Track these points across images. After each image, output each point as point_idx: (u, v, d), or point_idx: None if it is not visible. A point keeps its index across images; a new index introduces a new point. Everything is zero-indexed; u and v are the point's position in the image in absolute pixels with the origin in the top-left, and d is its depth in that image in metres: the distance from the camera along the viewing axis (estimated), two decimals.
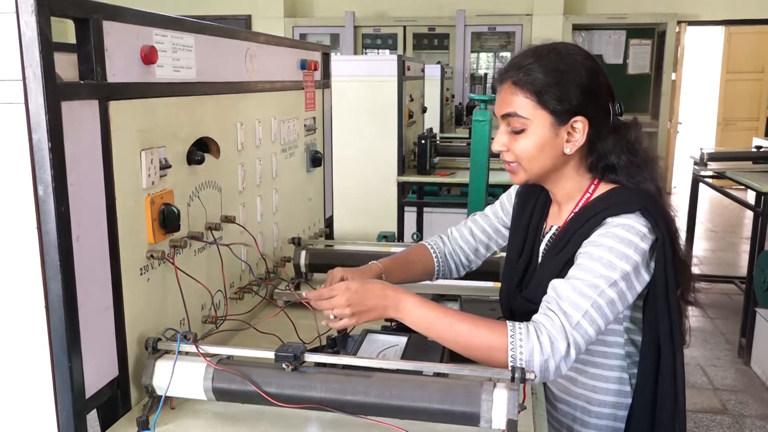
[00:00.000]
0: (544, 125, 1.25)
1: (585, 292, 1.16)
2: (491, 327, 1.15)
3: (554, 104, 1.24)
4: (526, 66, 1.25)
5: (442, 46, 9.04)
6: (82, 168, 0.99)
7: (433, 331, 1.19)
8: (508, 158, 1.31)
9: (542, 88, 1.24)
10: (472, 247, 1.58)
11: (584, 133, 1.26)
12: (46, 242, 0.94)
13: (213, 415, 1.16)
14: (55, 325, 0.96)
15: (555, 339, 1.12)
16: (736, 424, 3.20)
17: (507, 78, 1.28)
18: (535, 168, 1.30)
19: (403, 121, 4.07)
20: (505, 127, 1.30)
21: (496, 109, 1.32)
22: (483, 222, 1.58)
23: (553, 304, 1.17)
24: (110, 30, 1.04)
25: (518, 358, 1.11)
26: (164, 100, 1.23)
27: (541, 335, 1.12)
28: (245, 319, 1.54)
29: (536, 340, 1.12)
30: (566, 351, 1.12)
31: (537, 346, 1.11)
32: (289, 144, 1.89)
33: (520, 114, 1.25)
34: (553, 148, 1.27)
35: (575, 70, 1.25)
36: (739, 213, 7.45)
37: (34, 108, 0.90)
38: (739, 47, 9.24)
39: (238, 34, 1.54)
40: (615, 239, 1.20)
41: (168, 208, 1.21)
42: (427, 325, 1.19)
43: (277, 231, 1.84)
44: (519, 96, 1.25)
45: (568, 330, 1.13)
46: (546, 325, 1.14)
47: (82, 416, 1.02)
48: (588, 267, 1.19)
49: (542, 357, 1.11)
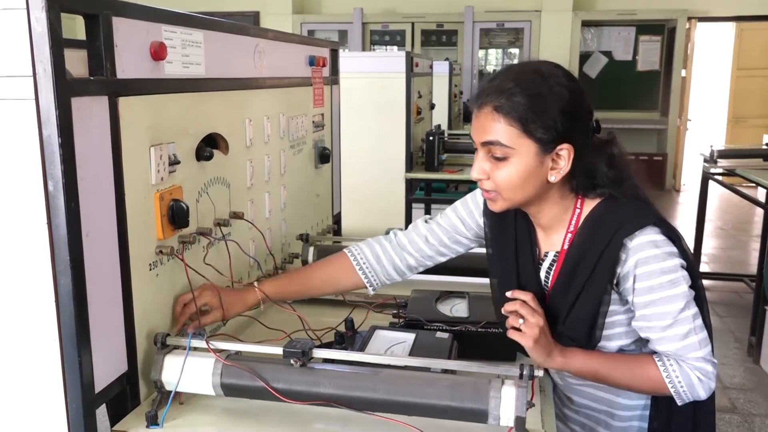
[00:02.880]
0: (529, 154, 1.17)
1: (678, 313, 1.20)
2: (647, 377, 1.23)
3: (540, 133, 1.16)
4: (508, 90, 1.17)
5: (451, 43, 9.03)
6: (91, 164, 1.00)
7: (597, 376, 1.26)
8: (488, 187, 1.23)
9: (527, 115, 1.15)
10: (427, 254, 1.49)
11: (569, 160, 1.19)
12: (56, 237, 0.94)
13: (221, 410, 1.16)
14: (65, 320, 0.97)
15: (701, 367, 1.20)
16: (746, 423, 3.19)
17: (487, 102, 1.18)
18: (516, 198, 1.22)
19: (411, 118, 4.06)
20: (485, 154, 1.21)
21: (474, 134, 1.22)
22: (441, 233, 1.48)
23: (664, 342, 1.21)
24: (120, 26, 1.04)
25: (680, 391, 1.21)
26: (173, 96, 1.23)
27: (688, 363, 1.21)
28: (253, 315, 1.54)
29: (688, 369, 1.21)
30: (712, 368, 1.22)
31: (694, 377, 1.20)
32: (298, 140, 1.89)
33: (503, 143, 1.17)
34: (537, 177, 1.19)
35: (559, 93, 1.17)
36: (750, 211, 7.40)
37: (45, 104, 0.91)
38: (750, 43, 9.17)
39: (246, 31, 1.54)
40: (660, 274, 1.19)
41: (177, 204, 1.22)
42: (590, 371, 1.25)
43: (285, 227, 1.84)
44: (501, 123, 1.16)
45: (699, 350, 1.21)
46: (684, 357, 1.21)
47: (91, 411, 1.02)
48: (664, 299, 1.20)
49: (702, 385, 1.21)
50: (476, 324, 1.40)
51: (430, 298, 1.56)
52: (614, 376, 1.24)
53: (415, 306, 1.50)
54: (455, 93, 6.51)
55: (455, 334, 1.36)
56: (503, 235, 1.36)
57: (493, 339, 1.38)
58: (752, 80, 9.21)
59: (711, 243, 6.35)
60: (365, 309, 1.62)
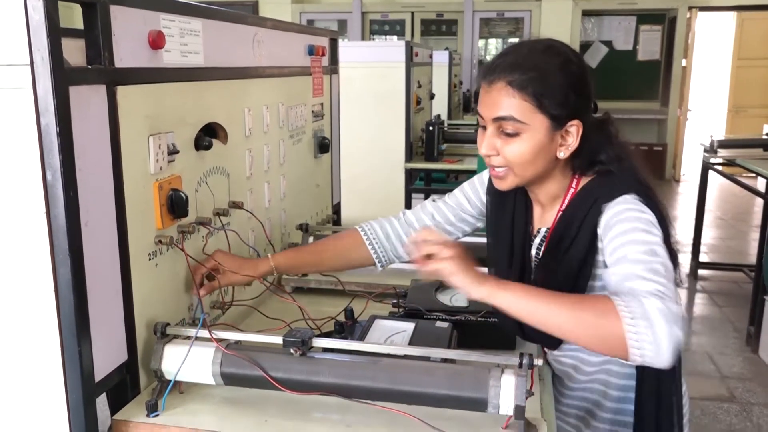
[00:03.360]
0: (541, 130, 1.18)
1: (648, 256, 1.07)
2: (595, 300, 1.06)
3: (554, 108, 1.17)
4: (522, 66, 1.17)
5: (450, 32, 9.00)
6: (90, 153, 0.99)
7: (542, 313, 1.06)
8: (497, 163, 1.23)
9: (541, 90, 1.16)
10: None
11: (578, 137, 1.21)
12: (55, 227, 0.94)
13: (221, 399, 1.17)
14: (65, 310, 0.97)
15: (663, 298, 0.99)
16: (744, 412, 3.20)
17: (499, 78, 1.18)
18: (527, 174, 1.23)
19: (410, 108, 4.06)
20: (495, 130, 1.21)
21: (484, 110, 1.22)
22: (447, 211, 1.51)
23: (632, 278, 1.05)
24: (117, 15, 1.04)
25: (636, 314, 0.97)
26: (172, 86, 1.23)
27: (646, 296, 1.00)
28: (253, 304, 1.54)
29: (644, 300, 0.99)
30: (677, 310, 0.99)
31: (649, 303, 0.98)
32: (297, 130, 1.89)
33: (517, 118, 1.17)
34: (547, 153, 1.21)
35: (570, 71, 1.19)
36: (749, 201, 7.41)
37: (42, 93, 0.90)
38: (751, 33, 9.14)
39: (245, 19, 1.53)
40: (633, 220, 1.14)
41: (176, 193, 1.22)
42: (530, 308, 1.07)
43: (285, 217, 1.84)
44: (515, 98, 1.17)
45: (665, 290, 1.02)
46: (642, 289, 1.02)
47: (91, 400, 1.02)
48: (633, 240, 1.10)
49: (661, 315, 0.97)
50: (476, 313, 1.40)
51: (430, 287, 1.56)
52: (556, 310, 1.05)
53: (415, 295, 1.51)
54: (455, 83, 6.49)
55: (455, 323, 1.36)
56: (502, 212, 1.38)
57: (492, 328, 1.39)
58: (753, 70, 9.19)
59: (710, 233, 6.35)
60: (365, 299, 1.62)
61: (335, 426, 1.09)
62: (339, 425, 1.09)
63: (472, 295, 1.10)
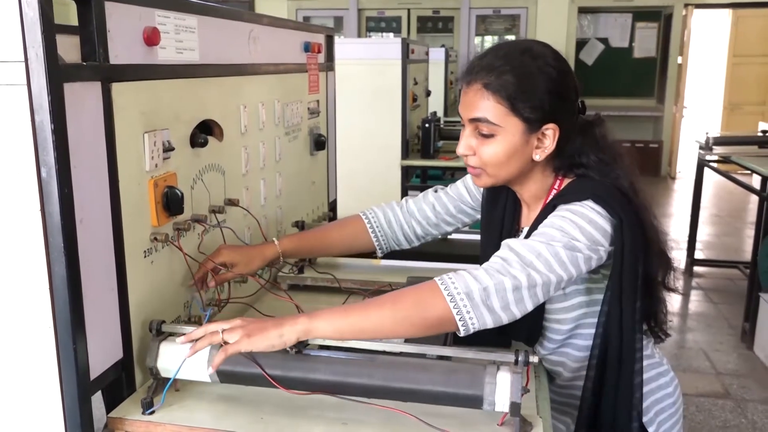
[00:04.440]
0: (515, 133, 1.20)
1: (537, 242, 1.13)
2: (416, 288, 1.12)
3: (527, 112, 1.18)
4: (498, 68, 1.19)
5: (447, 30, 9.00)
6: (85, 150, 0.99)
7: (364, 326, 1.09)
8: (473, 163, 1.26)
9: (515, 94, 1.17)
10: (432, 222, 1.56)
11: (554, 140, 1.21)
12: (50, 224, 0.94)
13: (217, 396, 1.17)
14: (60, 308, 0.97)
15: (492, 271, 1.09)
16: (738, 408, 3.21)
17: (476, 79, 1.21)
18: (501, 174, 1.25)
19: (407, 105, 4.05)
20: (472, 130, 1.24)
21: (462, 110, 1.25)
22: (447, 201, 1.55)
23: (503, 250, 1.14)
24: (112, 11, 1.03)
25: (454, 292, 1.07)
26: (167, 82, 1.22)
27: (473, 270, 1.10)
28: (249, 302, 1.54)
29: (467, 274, 1.09)
30: (506, 282, 1.08)
31: (469, 277, 1.08)
32: (293, 127, 1.89)
33: (490, 120, 1.19)
34: (522, 155, 1.22)
35: (548, 74, 1.19)
36: (744, 198, 7.43)
37: (37, 89, 0.90)
38: (746, 31, 9.16)
39: (241, 16, 1.53)
40: (562, 218, 1.16)
41: (171, 190, 1.21)
42: (350, 326, 1.08)
43: (281, 214, 1.84)
44: (490, 101, 1.19)
45: (511, 262, 1.10)
46: (486, 265, 1.11)
47: (87, 398, 1.02)
48: (539, 233, 1.16)
49: (479, 284, 1.08)
50: None
51: None
52: (376, 316, 1.09)
53: None
54: (451, 80, 6.49)
55: None
56: (494, 208, 1.41)
57: None
58: (748, 67, 9.22)
59: (706, 230, 6.37)
60: (361, 296, 1.62)
61: (331, 424, 1.09)
62: (335, 423, 1.09)
63: (289, 339, 1.07)
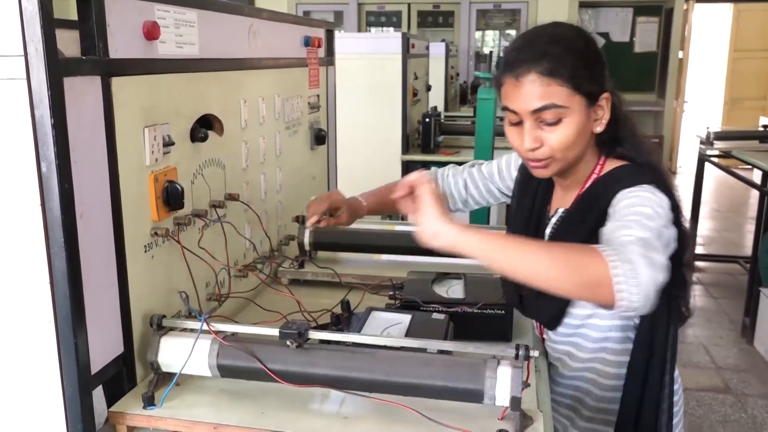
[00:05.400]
0: (580, 111, 1.20)
1: (645, 223, 1.08)
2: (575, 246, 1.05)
3: (588, 86, 1.19)
4: (549, 53, 1.18)
5: (447, 24, 8.97)
6: (85, 145, 0.99)
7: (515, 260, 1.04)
8: (541, 155, 1.23)
9: (576, 72, 1.18)
10: (462, 197, 1.61)
11: (608, 108, 1.24)
12: (50, 219, 0.94)
13: (218, 391, 1.17)
14: (60, 302, 0.97)
15: (646, 248, 1.00)
16: (739, 403, 3.22)
17: (529, 70, 1.18)
18: (570, 156, 1.24)
19: (407, 100, 4.05)
20: (534, 122, 1.20)
21: (518, 104, 1.20)
22: (479, 179, 1.59)
23: (620, 231, 1.05)
24: (112, 5, 1.03)
25: (617, 261, 0.97)
26: (167, 77, 1.22)
27: (629, 244, 1.00)
28: (249, 296, 1.54)
29: (625, 248, 1.00)
30: (661, 260, 1.00)
31: (630, 249, 0.99)
32: (293, 122, 1.88)
33: (557, 104, 1.17)
34: (586, 131, 1.23)
35: (593, 46, 1.24)
36: (745, 193, 7.42)
37: (36, 84, 0.90)
38: (747, 25, 9.14)
39: (241, 10, 1.52)
40: (643, 199, 1.14)
41: (172, 185, 1.21)
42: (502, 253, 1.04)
43: (281, 209, 1.84)
44: (551, 86, 1.17)
45: (652, 241, 1.03)
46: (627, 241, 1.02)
47: (87, 392, 1.02)
48: (635, 211, 1.11)
49: (643, 259, 0.98)
50: (472, 305, 1.40)
51: (426, 279, 1.56)
52: (533, 255, 1.04)
53: (411, 287, 1.51)
54: (452, 75, 6.48)
55: (451, 315, 1.36)
56: (526, 190, 1.43)
57: (489, 320, 1.39)
58: (749, 62, 9.19)
59: (706, 225, 6.37)
60: (361, 291, 1.62)
61: (332, 418, 1.10)
62: (336, 417, 1.10)
63: (438, 233, 1.06)
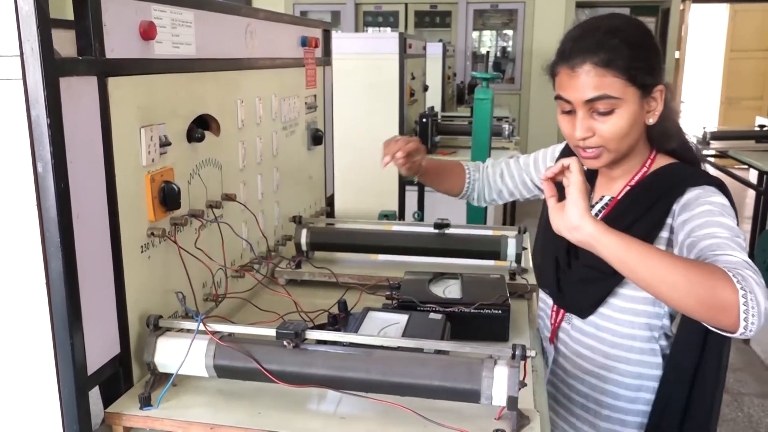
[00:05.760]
0: (634, 102, 1.21)
1: (734, 235, 1.09)
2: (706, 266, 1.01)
3: (643, 78, 1.20)
4: (609, 44, 1.19)
5: (444, 24, 8.97)
6: (81, 145, 0.99)
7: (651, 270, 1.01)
8: (593, 144, 1.24)
9: (632, 64, 1.19)
10: (497, 188, 1.65)
11: (662, 100, 1.24)
12: (46, 219, 0.94)
13: (215, 391, 1.17)
14: (56, 303, 0.96)
15: (756, 275, 1.00)
16: (735, 402, 3.22)
17: (584, 60, 1.20)
18: (622, 147, 1.25)
19: (404, 100, 4.04)
20: (587, 112, 1.22)
21: (572, 94, 1.22)
22: (515, 169, 1.62)
23: (723, 246, 1.06)
24: (108, 5, 1.03)
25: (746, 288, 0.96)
26: (164, 77, 1.22)
27: (745, 270, 0.99)
28: (246, 297, 1.54)
29: (745, 273, 0.98)
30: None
31: (750, 277, 0.98)
32: (290, 122, 1.88)
33: (611, 95, 1.19)
34: (639, 122, 1.24)
35: (650, 39, 1.24)
36: (741, 192, 7.43)
37: (32, 84, 0.89)
38: (744, 25, 9.16)
39: (238, 10, 1.52)
40: (718, 205, 1.16)
41: (168, 185, 1.21)
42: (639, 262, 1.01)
43: (278, 209, 1.83)
44: (606, 77, 1.19)
45: (755, 268, 1.02)
46: (737, 261, 1.02)
47: (84, 393, 1.02)
48: (718, 222, 1.12)
49: (761, 289, 0.97)
50: (469, 305, 1.40)
51: (423, 279, 1.56)
52: (669, 267, 1.00)
53: (408, 287, 1.51)
54: (449, 75, 6.48)
55: (448, 315, 1.36)
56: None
57: (486, 320, 1.39)
58: (745, 62, 9.22)
59: None
60: (358, 291, 1.62)
61: (329, 418, 1.09)
62: (332, 418, 1.10)
63: (580, 227, 1.05)
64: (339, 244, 1.89)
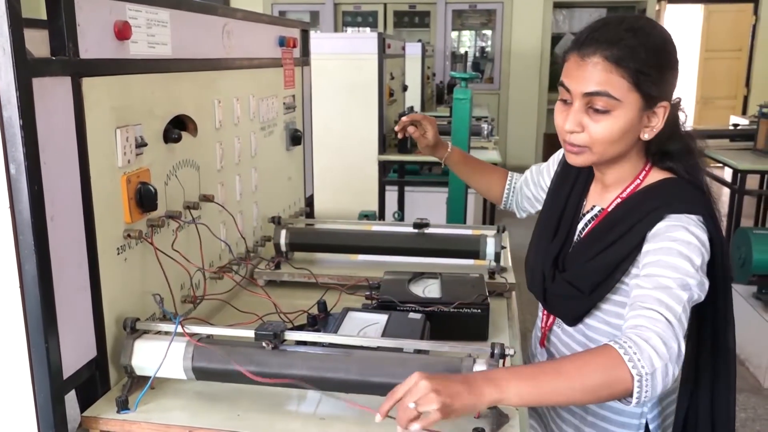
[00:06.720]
0: (633, 109, 1.14)
1: (677, 287, 1.08)
2: (601, 360, 1.01)
3: (650, 87, 1.13)
4: (625, 42, 1.13)
5: (423, 24, 9.00)
6: (55, 146, 0.97)
7: (553, 399, 1.03)
8: (579, 141, 1.18)
9: (643, 69, 1.12)
10: (525, 195, 1.64)
11: (663, 119, 1.18)
12: (20, 222, 0.92)
13: (193, 394, 1.16)
14: (31, 306, 0.95)
15: (666, 338, 1.01)
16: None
17: (596, 51, 1.14)
18: (608, 153, 1.19)
19: (383, 100, 4.05)
20: (583, 105, 1.16)
21: (574, 84, 1.17)
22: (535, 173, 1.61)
23: (650, 301, 1.06)
24: (82, 4, 1.02)
25: (642, 373, 0.98)
26: (139, 77, 1.21)
27: (651, 339, 1.01)
28: (224, 298, 1.53)
29: (648, 347, 1.00)
30: (678, 349, 1.02)
31: (652, 352, 0.99)
32: (268, 122, 1.87)
33: (612, 94, 1.13)
34: (633, 133, 1.17)
35: (672, 50, 1.17)
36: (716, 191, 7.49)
37: (4, 85, 0.88)
38: (718, 25, 9.29)
39: (214, 10, 1.51)
40: (681, 242, 1.12)
41: (144, 186, 1.20)
42: (540, 397, 1.01)
43: (257, 210, 1.83)
44: (613, 74, 1.12)
45: (675, 326, 1.03)
46: (650, 327, 1.03)
47: (60, 397, 1.01)
48: (671, 264, 1.10)
49: (662, 362, 0.99)
50: (448, 304, 1.40)
51: (403, 279, 1.56)
52: (566, 388, 1.00)
53: (388, 287, 1.51)
54: (428, 75, 6.49)
55: (428, 314, 1.36)
56: (563, 184, 1.41)
57: (465, 319, 1.40)
58: (720, 62, 9.35)
59: None
60: (338, 291, 1.62)
61: (308, 419, 1.09)
62: (312, 418, 1.09)
63: (482, 407, 1.00)
64: (318, 244, 1.89)
